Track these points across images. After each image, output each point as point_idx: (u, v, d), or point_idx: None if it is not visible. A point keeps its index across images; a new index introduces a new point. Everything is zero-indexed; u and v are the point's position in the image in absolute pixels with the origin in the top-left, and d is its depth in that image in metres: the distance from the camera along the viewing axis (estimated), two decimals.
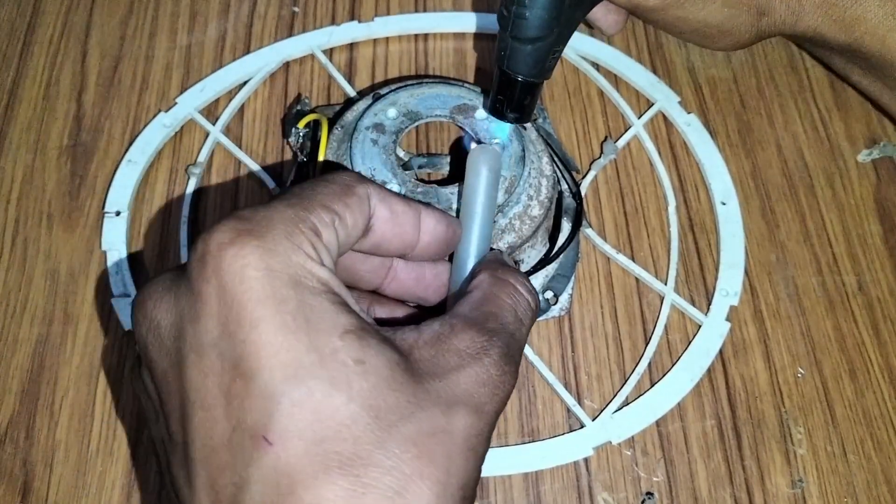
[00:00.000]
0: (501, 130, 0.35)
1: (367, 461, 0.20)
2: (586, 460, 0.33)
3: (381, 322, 0.28)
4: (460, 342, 0.24)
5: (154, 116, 0.41)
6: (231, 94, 0.42)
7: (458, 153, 0.39)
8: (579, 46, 0.44)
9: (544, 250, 0.36)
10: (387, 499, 0.20)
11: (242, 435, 0.20)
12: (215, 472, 0.21)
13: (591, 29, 0.45)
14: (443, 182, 0.38)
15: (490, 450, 0.33)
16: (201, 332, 0.21)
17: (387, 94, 0.36)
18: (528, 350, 0.35)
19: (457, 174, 0.38)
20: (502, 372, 0.24)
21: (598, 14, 0.41)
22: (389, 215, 0.26)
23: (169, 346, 0.23)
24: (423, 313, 0.29)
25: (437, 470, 0.21)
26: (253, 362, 0.20)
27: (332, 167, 0.35)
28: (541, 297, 0.35)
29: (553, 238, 0.36)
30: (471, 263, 0.29)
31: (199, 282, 0.21)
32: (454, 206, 0.33)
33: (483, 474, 0.33)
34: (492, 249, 0.31)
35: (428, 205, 0.27)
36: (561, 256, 0.36)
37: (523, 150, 0.35)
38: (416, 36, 0.45)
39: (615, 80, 0.44)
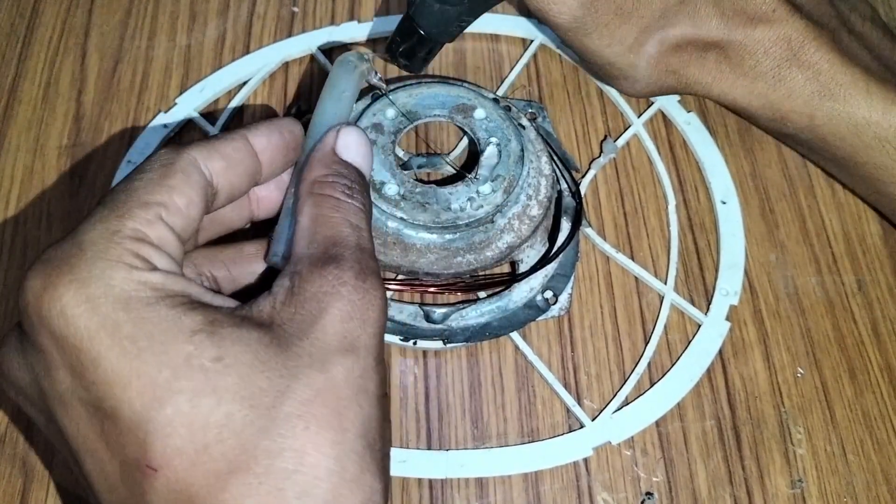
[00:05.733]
0: (499, 130, 0.35)
1: (254, 452, 0.20)
2: (586, 460, 0.33)
3: (240, 293, 0.27)
4: (311, 286, 0.22)
5: (154, 117, 0.41)
6: (231, 95, 0.42)
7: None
8: None
9: (543, 250, 0.36)
10: (284, 480, 0.19)
11: (130, 469, 0.20)
12: None
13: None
14: (442, 182, 0.38)
15: (490, 450, 0.33)
16: (56, 385, 0.21)
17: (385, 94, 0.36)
18: (527, 350, 0.35)
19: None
20: (363, 293, 0.23)
21: None
22: (226, 164, 0.25)
23: (38, 403, 0.22)
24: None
25: (328, 431, 0.20)
26: (110, 401, 0.20)
27: None
28: (540, 297, 0.35)
29: (552, 238, 0.36)
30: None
31: (33, 336, 0.21)
32: (452, 206, 0.33)
33: (483, 474, 0.33)
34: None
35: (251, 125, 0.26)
36: (560, 256, 0.36)
37: (522, 150, 0.35)
38: None
39: None
